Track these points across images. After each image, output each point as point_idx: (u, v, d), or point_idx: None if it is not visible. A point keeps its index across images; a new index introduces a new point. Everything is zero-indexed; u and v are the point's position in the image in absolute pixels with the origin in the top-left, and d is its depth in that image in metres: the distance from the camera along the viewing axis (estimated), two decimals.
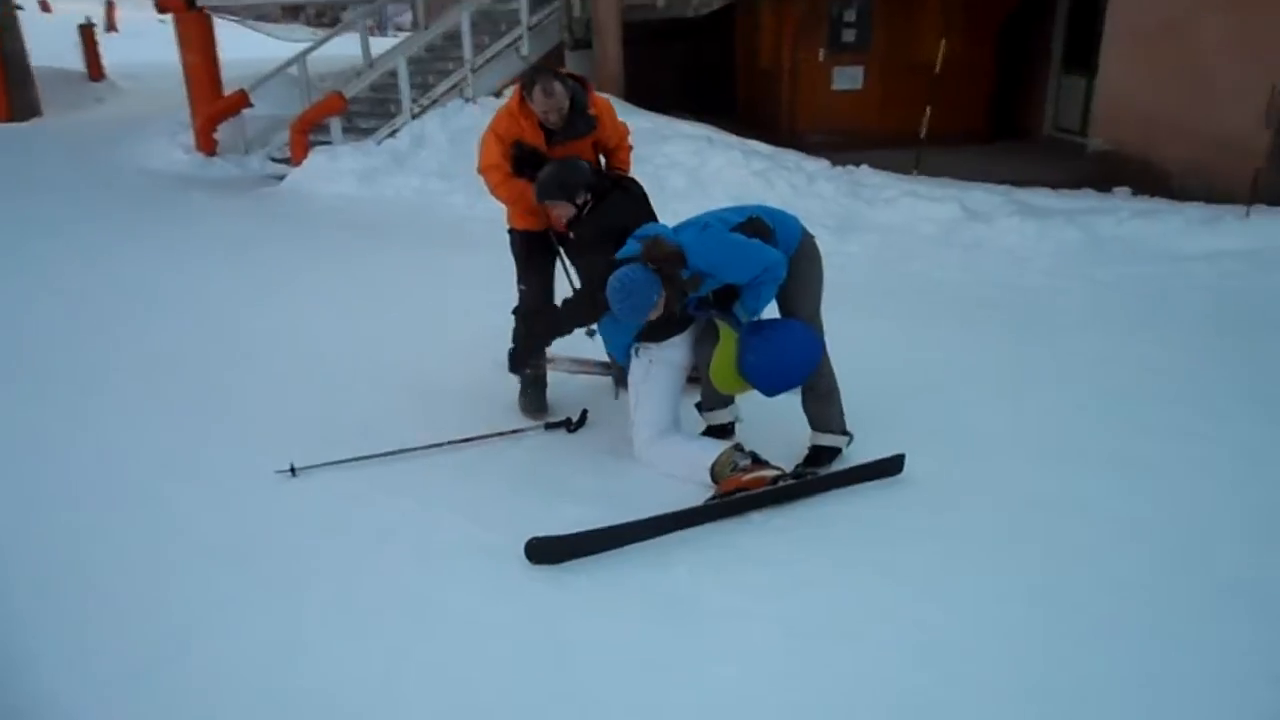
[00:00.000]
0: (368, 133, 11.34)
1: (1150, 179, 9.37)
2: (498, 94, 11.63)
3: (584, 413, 4.67)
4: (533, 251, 4.68)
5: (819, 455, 4.14)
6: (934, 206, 8.50)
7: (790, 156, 10.16)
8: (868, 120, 11.73)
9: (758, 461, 3.93)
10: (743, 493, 3.80)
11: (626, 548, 3.54)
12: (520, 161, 4.41)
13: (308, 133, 10.63)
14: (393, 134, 11.05)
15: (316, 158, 10.28)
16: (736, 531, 3.71)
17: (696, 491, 3.90)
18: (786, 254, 3.86)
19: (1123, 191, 9.42)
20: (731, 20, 13.42)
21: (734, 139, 10.65)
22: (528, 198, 4.37)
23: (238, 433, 4.62)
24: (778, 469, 3.91)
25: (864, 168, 9.84)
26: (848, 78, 11.84)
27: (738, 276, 3.79)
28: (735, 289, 3.86)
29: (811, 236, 4.08)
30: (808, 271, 4.03)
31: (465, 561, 3.53)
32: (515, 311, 4.76)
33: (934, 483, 4.01)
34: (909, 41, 11.69)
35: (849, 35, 11.73)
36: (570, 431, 4.61)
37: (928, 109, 10.02)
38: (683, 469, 4.06)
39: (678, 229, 3.92)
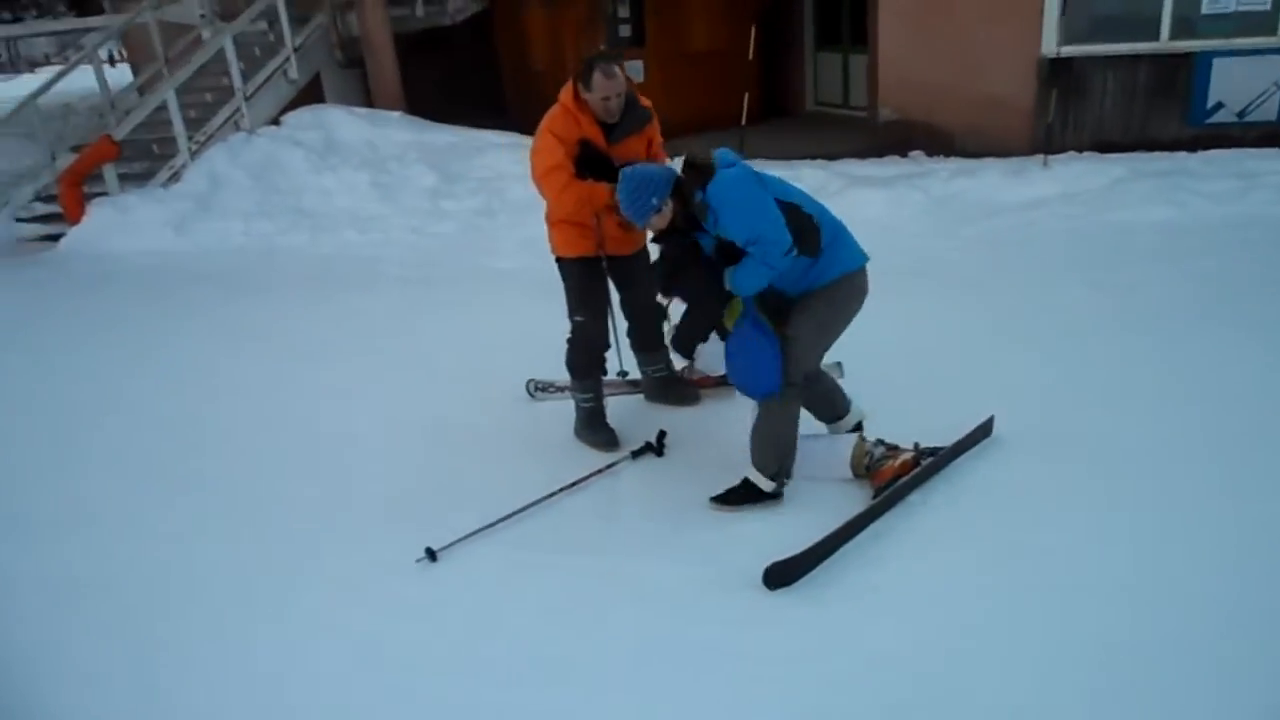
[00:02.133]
0: (139, 178, 10.16)
1: (937, 141, 10.41)
2: (276, 122, 10.84)
3: (662, 433, 4.59)
4: (590, 278, 4.52)
5: (738, 488, 3.97)
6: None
7: None
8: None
9: (889, 447, 4.09)
10: (899, 479, 3.93)
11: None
12: (586, 163, 4.20)
13: (80, 185, 9.37)
14: (174, 177, 9.98)
15: (101, 211, 9.11)
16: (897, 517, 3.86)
17: (833, 486, 4.04)
18: (825, 269, 3.67)
19: (917, 154, 10.40)
20: (490, 25, 13.24)
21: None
22: (596, 201, 4.19)
23: (345, 530, 4.11)
24: (910, 450, 4.08)
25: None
26: (630, 72, 12.03)
27: (733, 231, 3.53)
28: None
29: (860, 277, 3.77)
30: (828, 305, 3.74)
31: (692, 597, 3.46)
32: (572, 342, 4.60)
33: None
34: (680, 32, 12.15)
35: (625, 30, 11.97)
36: (659, 455, 4.51)
37: (746, 95, 10.44)
38: (821, 470, 4.13)
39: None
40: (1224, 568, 3.38)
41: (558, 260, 4.58)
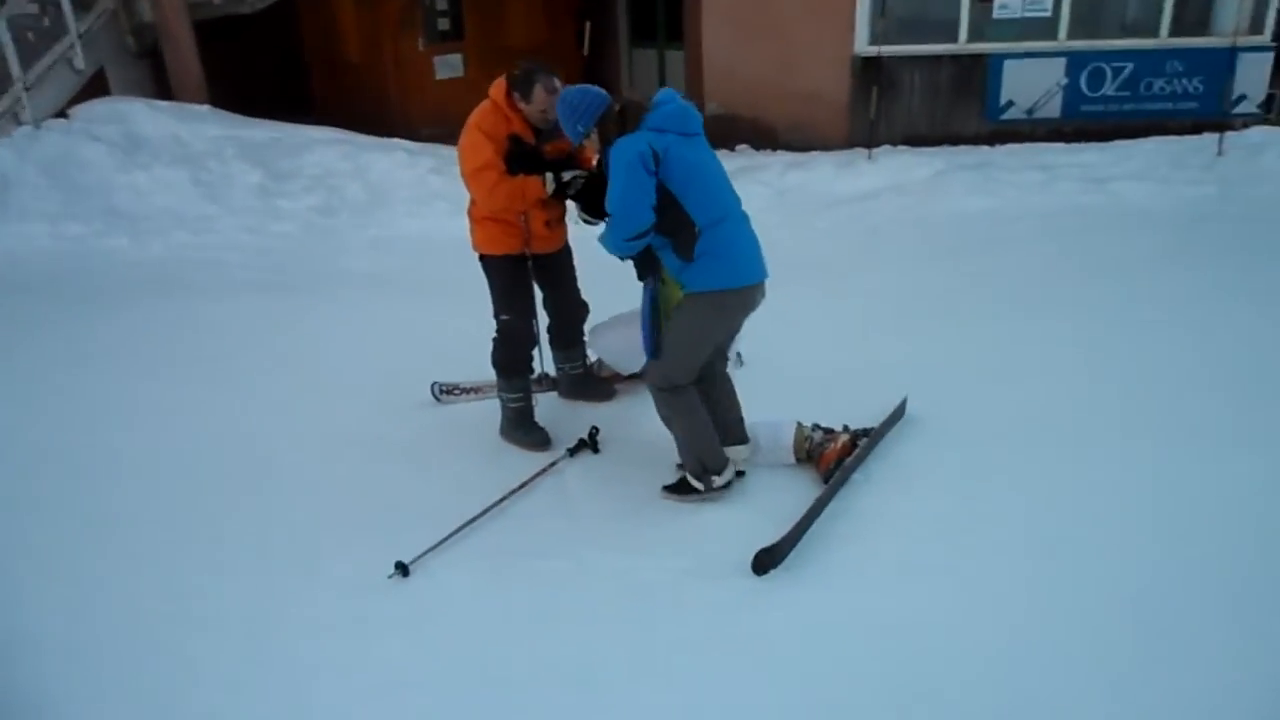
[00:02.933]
0: None
1: (762, 135, 10.84)
2: (63, 114, 9.92)
3: (595, 429, 4.57)
4: (516, 277, 4.45)
5: (683, 482, 4.04)
6: None
7: (447, 152, 10.03)
8: (474, 106, 11.83)
9: (825, 431, 4.26)
10: (843, 461, 4.11)
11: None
12: (517, 159, 4.13)
13: None
14: None
15: None
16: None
17: (780, 473, 4.21)
18: (697, 276, 3.66)
19: (744, 148, 10.77)
20: (292, 15, 12.62)
21: (371, 139, 10.27)
22: (528, 196, 4.14)
23: (294, 556, 3.82)
24: (845, 432, 4.27)
25: None
26: (449, 66, 11.84)
27: (609, 193, 3.59)
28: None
29: (737, 295, 3.73)
30: (694, 318, 3.76)
31: (670, 590, 3.49)
32: (499, 340, 4.52)
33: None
34: (500, 27, 12.01)
35: (444, 24, 11.74)
36: (596, 451, 4.50)
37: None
38: (766, 456, 4.25)
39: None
40: (1137, 512, 3.78)
41: (482, 258, 4.47)
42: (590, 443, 4.52)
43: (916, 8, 10.47)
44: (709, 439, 3.94)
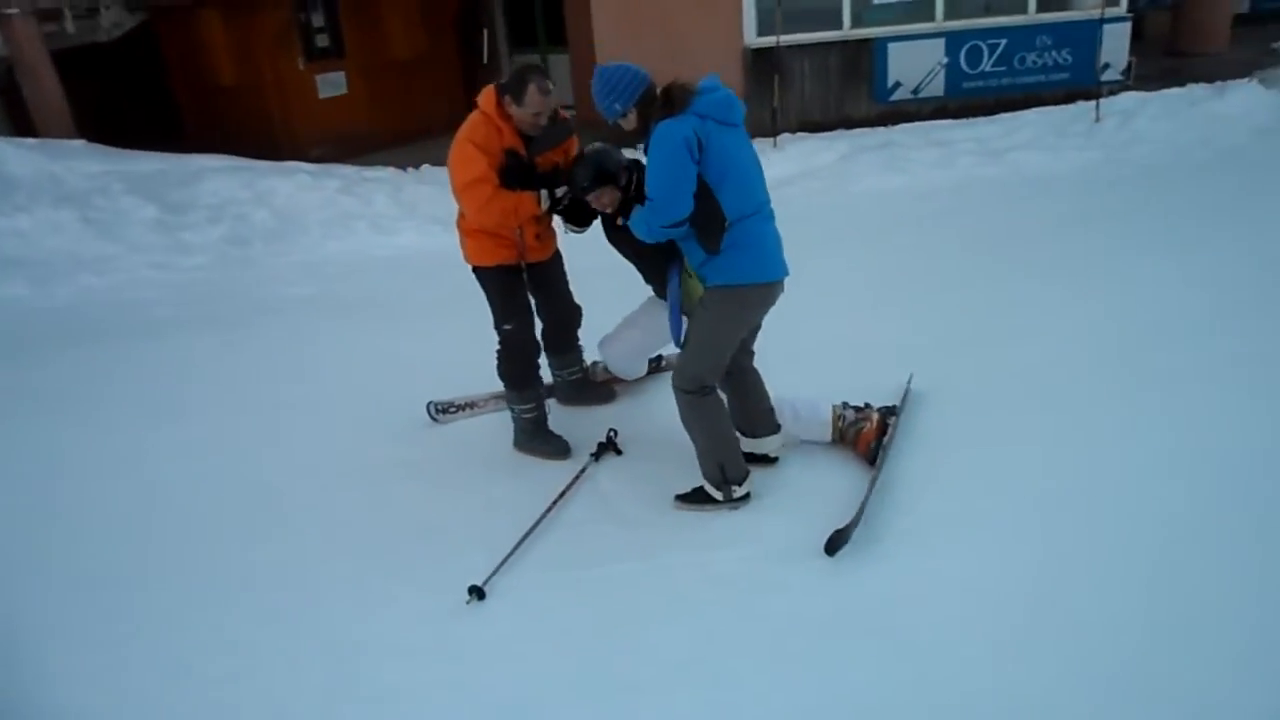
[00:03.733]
0: None
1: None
2: None
3: (613, 431, 4.53)
4: (513, 286, 4.35)
5: (699, 490, 3.95)
6: None
7: (348, 170, 9.77)
8: (361, 123, 11.60)
9: (856, 409, 4.34)
10: (882, 440, 4.19)
11: None
12: (514, 174, 4.02)
13: None
14: None
15: None
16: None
17: (820, 455, 4.24)
18: (720, 269, 3.60)
19: (640, 147, 10.81)
20: (153, 41, 12.01)
21: (267, 164, 9.90)
22: (522, 212, 4.05)
23: (358, 591, 3.65)
24: (874, 410, 4.34)
25: (425, 168, 9.88)
26: (331, 84, 11.51)
27: (648, 176, 3.52)
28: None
29: (757, 291, 3.70)
30: (716, 314, 3.70)
31: (751, 578, 3.50)
32: (505, 353, 4.45)
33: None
34: (379, 40, 11.77)
35: (323, 40, 11.39)
36: (619, 453, 4.47)
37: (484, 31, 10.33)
38: (804, 431, 4.28)
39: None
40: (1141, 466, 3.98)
41: (476, 270, 4.36)
42: (612, 445, 4.47)
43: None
44: (733, 447, 3.88)
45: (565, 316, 4.72)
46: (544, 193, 4.08)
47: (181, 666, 3.25)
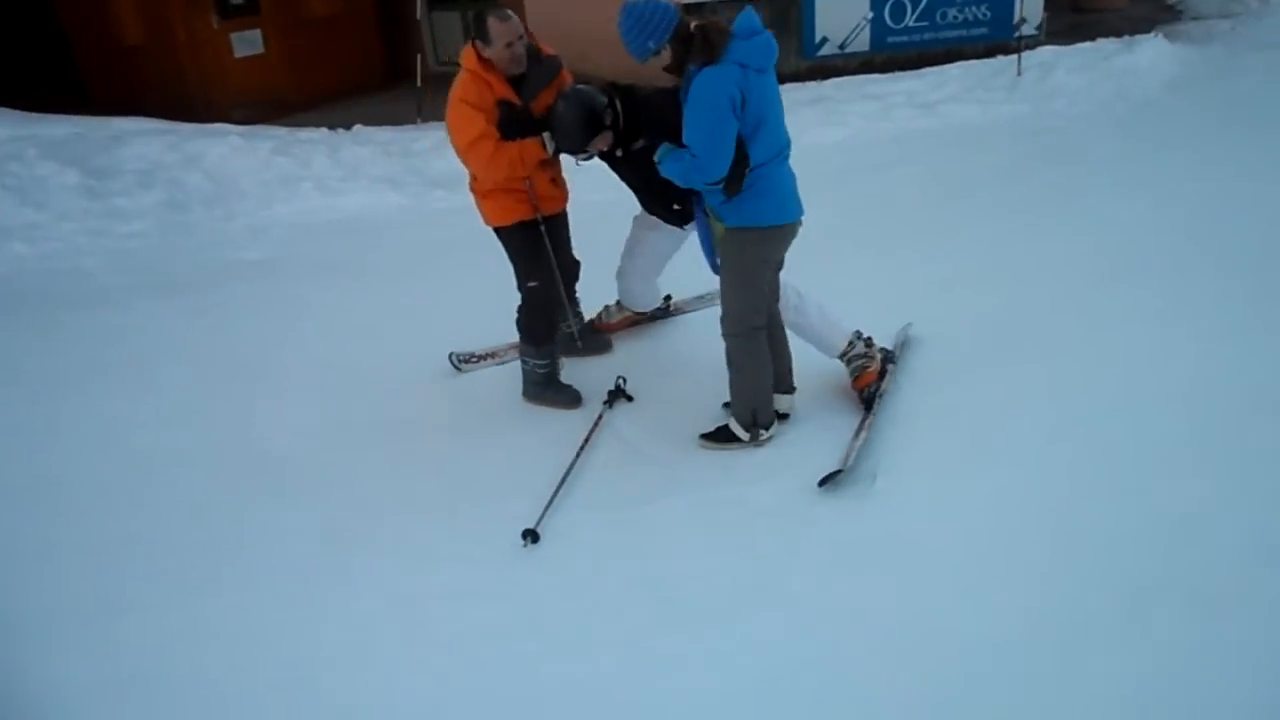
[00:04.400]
0: None
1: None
2: None
3: (622, 379, 4.58)
4: (534, 241, 4.33)
5: (723, 429, 4.06)
6: None
7: (279, 131, 9.47)
8: (280, 83, 11.23)
9: (865, 342, 4.41)
10: (877, 385, 4.31)
11: None
12: (510, 124, 4.00)
13: None
14: None
15: None
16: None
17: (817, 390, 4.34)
18: (736, 210, 3.63)
19: None
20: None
21: (191, 127, 9.53)
22: (528, 160, 4.04)
23: (403, 539, 3.65)
24: (878, 350, 4.44)
25: (357, 128, 9.64)
26: (248, 43, 11.09)
27: (686, 126, 3.47)
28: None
29: (776, 232, 3.75)
30: (741, 257, 3.77)
31: (797, 510, 3.61)
32: (528, 308, 4.44)
33: None
34: None
35: None
36: (630, 399, 4.52)
37: (419, 57, 10.11)
38: (815, 341, 4.33)
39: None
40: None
41: (497, 229, 4.35)
42: (622, 392, 4.52)
43: None
44: (768, 392, 3.98)
45: (566, 271, 4.72)
46: (546, 135, 4.06)
47: (250, 632, 3.21)
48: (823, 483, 3.67)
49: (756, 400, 3.94)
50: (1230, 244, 5.52)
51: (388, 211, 7.59)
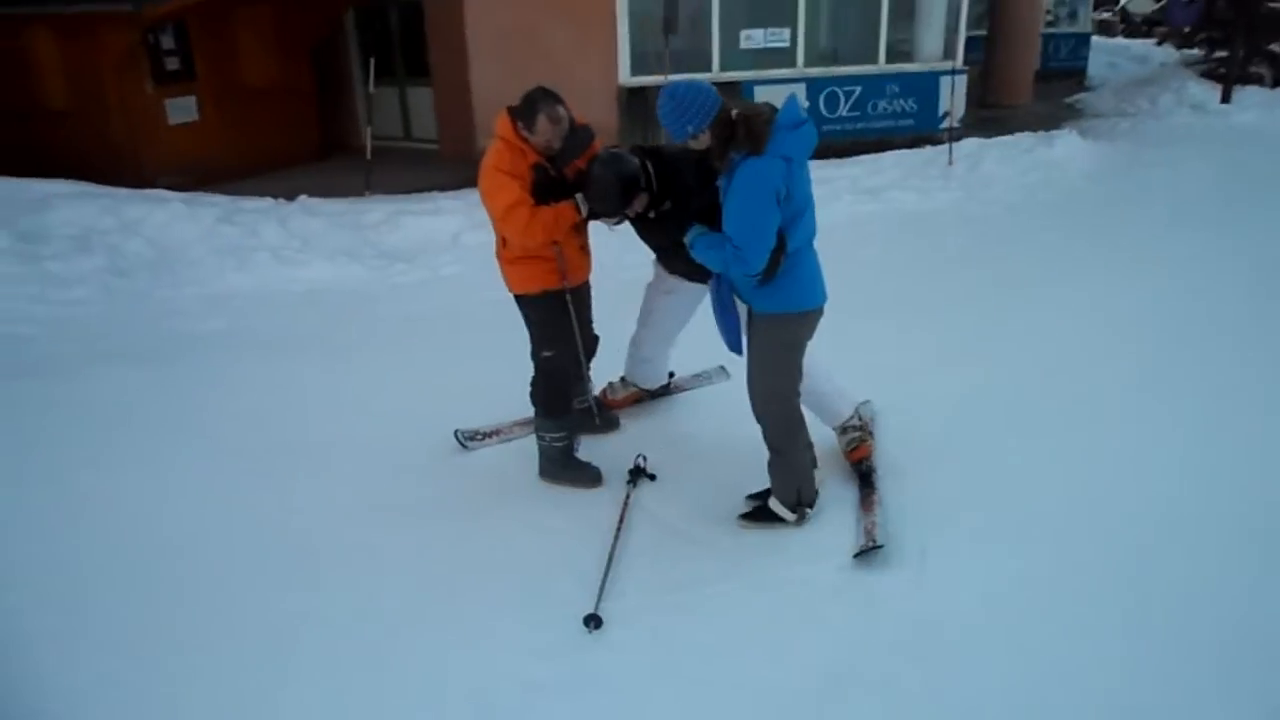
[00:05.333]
0: None
1: None
2: None
3: (642, 456, 4.50)
4: (558, 312, 4.27)
5: (763, 509, 4.00)
6: (451, 219, 8.77)
7: (221, 199, 9.18)
8: (214, 151, 10.92)
9: (861, 423, 4.45)
10: (869, 458, 4.39)
11: None
12: (545, 187, 3.97)
13: None
14: None
15: None
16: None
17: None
18: (767, 297, 3.61)
19: None
20: None
21: (126, 192, 9.17)
22: (564, 223, 4.01)
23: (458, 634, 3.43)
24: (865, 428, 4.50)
25: (303, 199, 9.41)
26: (182, 109, 10.77)
27: (728, 216, 3.45)
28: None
29: (802, 319, 3.72)
30: (770, 345, 3.73)
31: (857, 590, 3.60)
32: (543, 379, 4.36)
33: None
34: (233, 66, 11.14)
35: (173, 63, 10.64)
36: (653, 479, 4.44)
37: (368, 128, 9.99)
38: (818, 410, 4.35)
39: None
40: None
41: (520, 298, 4.28)
42: (643, 471, 4.44)
43: (675, 41, 10.98)
44: (809, 468, 3.91)
45: (584, 346, 4.66)
46: (579, 197, 4.04)
47: None
48: (858, 555, 3.69)
49: (801, 476, 3.89)
50: (1183, 322, 5.99)
51: (351, 284, 7.39)
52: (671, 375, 5.18)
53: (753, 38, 11.26)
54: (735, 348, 3.88)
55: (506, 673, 3.16)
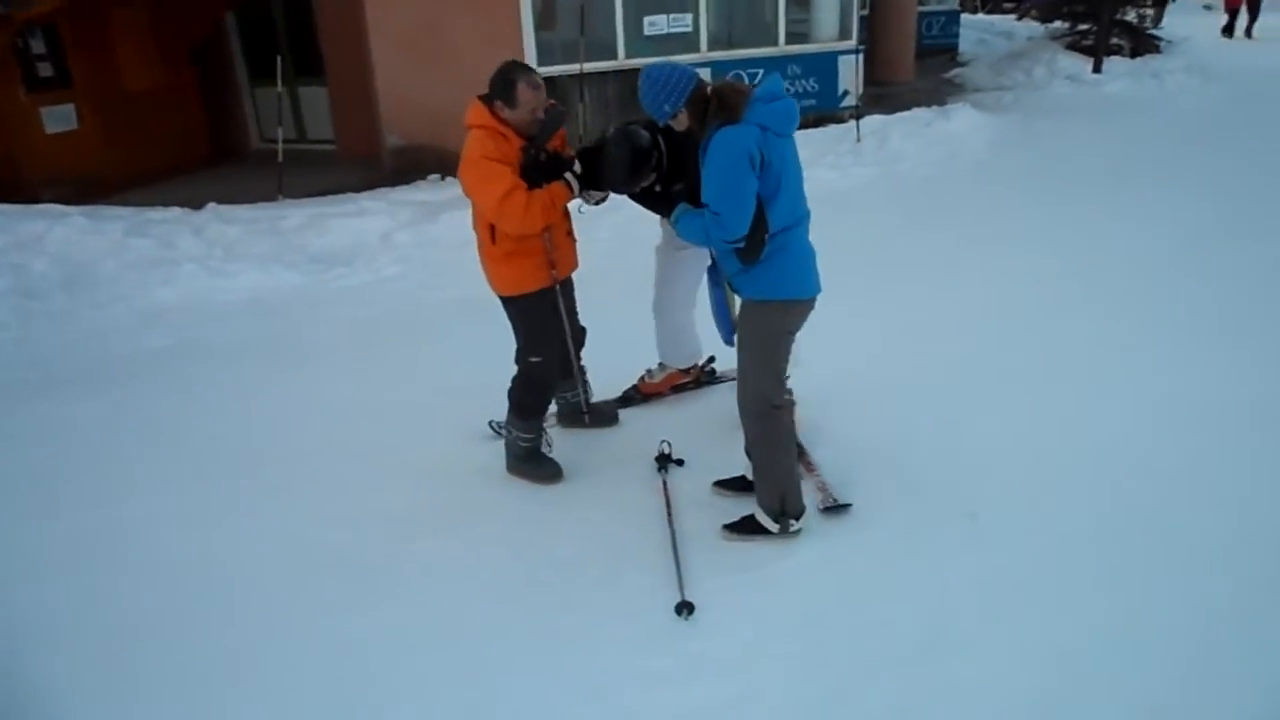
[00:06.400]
0: None
1: (447, 163, 10.59)
2: None
3: (666, 443, 4.43)
4: (548, 315, 4.17)
5: (748, 519, 3.82)
6: (377, 220, 8.48)
7: (124, 212, 8.63)
8: (97, 160, 10.27)
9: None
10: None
11: None
12: (535, 169, 3.85)
13: None
14: None
15: None
16: None
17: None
18: (754, 282, 3.53)
19: (434, 178, 10.52)
20: None
21: (14, 207, 8.51)
22: (559, 202, 3.91)
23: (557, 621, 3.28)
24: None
25: (211, 206, 8.92)
26: (59, 118, 10.08)
27: (705, 186, 3.38)
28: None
29: (794, 306, 3.59)
30: (757, 335, 3.62)
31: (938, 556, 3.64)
32: (526, 383, 4.25)
33: None
34: (111, 71, 10.49)
35: (46, 69, 9.94)
36: (680, 464, 4.38)
37: (279, 130, 9.54)
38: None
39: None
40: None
41: (509, 299, 4.13)
42: (669, 458, 4.38)
43: (577, 29, 10.86)
44: (795, 478, 3.75)
45: (573, 339, 4.54)
46: (568, 176, 3.94)
47: None
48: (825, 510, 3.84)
49: (786, 484, 3.69)
50: (1117, 281, 6.33)
51: (289, 291, 7.06)
52: (712, 359, 5.11)
53: (656, 24, 11.24)
54: (724, 334, 3.88)
55: (619, 669, 3.06)
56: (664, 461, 4.35)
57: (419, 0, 10.13)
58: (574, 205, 4.11)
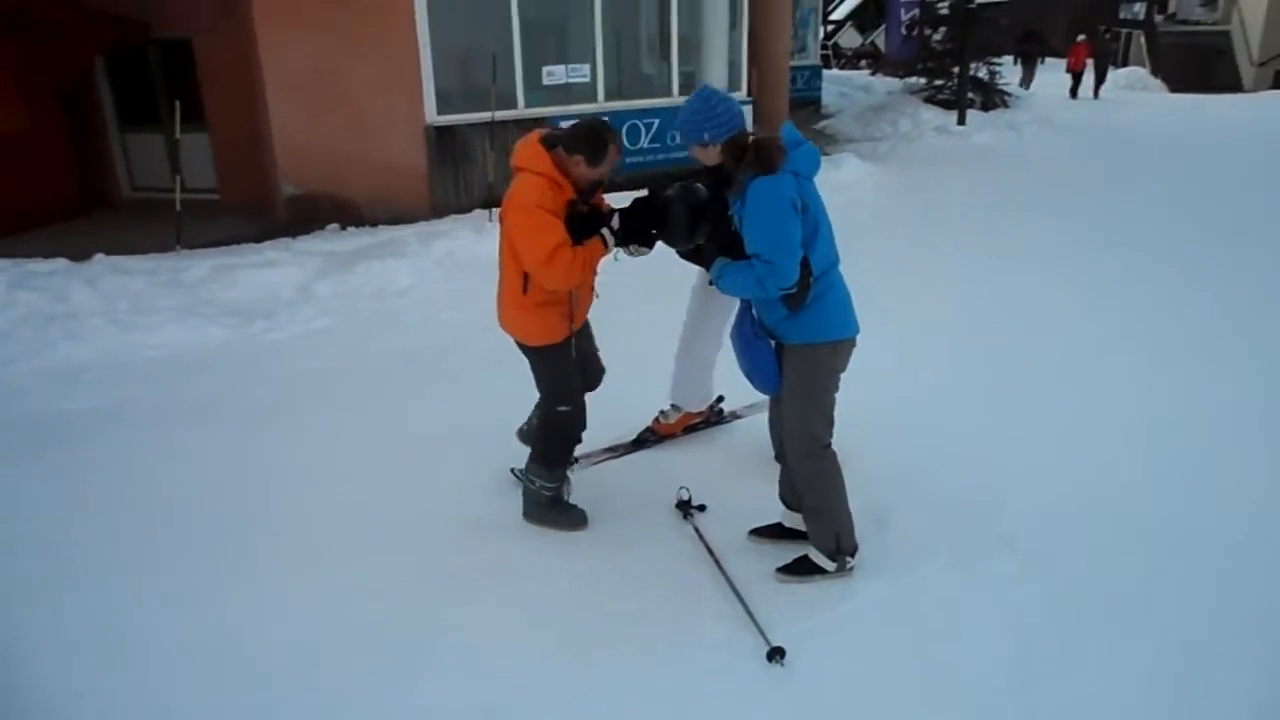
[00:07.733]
0: None
1: (344, 211, 10.30)
2: None
3: (684, 489, 4.34)
4: (571, 364, 4.08)
5: (803, 560, 3.78)
6: (287, 270, 8.08)
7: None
8: None
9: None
10: None
11: None
12: (579, 223, 3.77)
13: None
14: None
15: None
16: None
17: None
18: (799, 328, 3.51)
19: (334, 227, 10.14)
20: None
21: None
22: (596, 257, 3.83)
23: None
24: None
25: (99, 257, 8.30)
26: None
27: (750, 236, 3.37)
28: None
29: (836, 348, 3.57)
30: (804, 378, 3.59)
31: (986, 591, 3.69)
32: (556, 434, 4.15)
33: None
34: None
35: None
36: (702, 509, 4.29)
37: (178, 177, 8.97)
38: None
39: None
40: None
41: (537, 349, 4.02)
42: (688, 505, 4.28)
43: (480, 79, 10.72)
44: (848, 515, 3.69)
45: (592, 378, 4.44)
46: (605, 232, 3.86)
47: None
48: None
49: (840, 523, 3.67)
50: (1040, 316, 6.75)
51: (216, 346, 6.59)
52: (721, 398, 5.06)
53: (555, 74, 11.24)
54: (770, 385, 3.71)
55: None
56: (685, 508, 4.24)
57: (314, 46, 9.80)
58: (609, 255, 4.00)
